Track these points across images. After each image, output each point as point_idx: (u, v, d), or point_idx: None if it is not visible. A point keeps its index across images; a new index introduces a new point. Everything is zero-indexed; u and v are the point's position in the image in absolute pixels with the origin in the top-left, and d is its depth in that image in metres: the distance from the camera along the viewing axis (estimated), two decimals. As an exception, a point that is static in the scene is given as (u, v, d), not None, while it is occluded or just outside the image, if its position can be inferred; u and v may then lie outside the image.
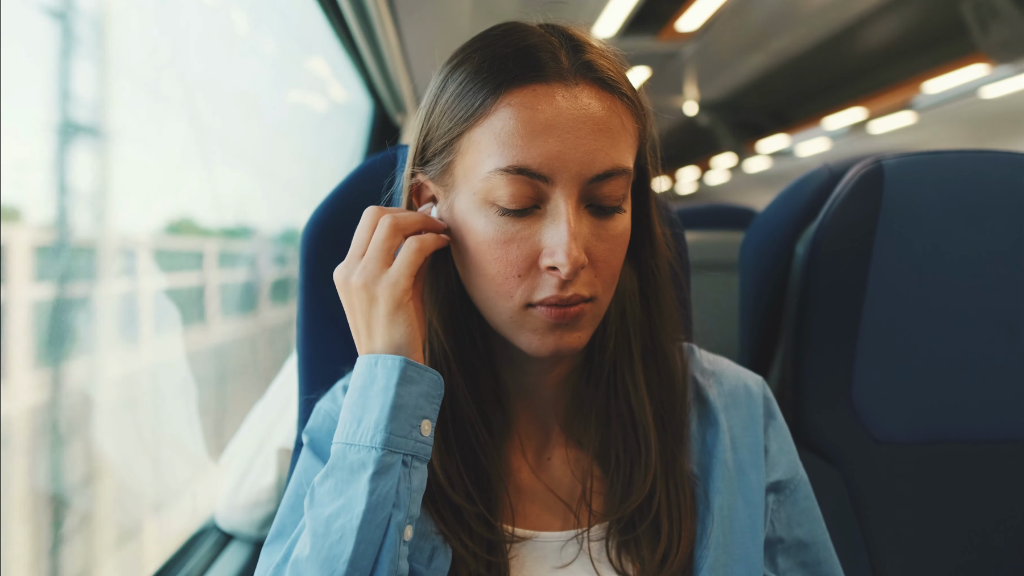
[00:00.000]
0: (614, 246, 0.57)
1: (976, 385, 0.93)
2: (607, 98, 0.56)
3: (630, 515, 0.61)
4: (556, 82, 0.54)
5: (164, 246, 1.34)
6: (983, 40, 3.34)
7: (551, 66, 0.55)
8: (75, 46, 0.98)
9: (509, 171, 0.54)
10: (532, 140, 0.53)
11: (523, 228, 0.55)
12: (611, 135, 0.55)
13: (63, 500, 0.96)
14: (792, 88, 5.79)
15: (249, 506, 1.25)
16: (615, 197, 0.56)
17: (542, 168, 0.53)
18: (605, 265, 0.57)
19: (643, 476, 0.61)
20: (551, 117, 0.53)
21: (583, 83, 0.55)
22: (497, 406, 0.65)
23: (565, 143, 0.53)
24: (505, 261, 0.56)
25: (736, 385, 0.69)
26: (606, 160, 0.54)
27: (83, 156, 0.99)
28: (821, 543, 0.68)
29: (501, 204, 0.55)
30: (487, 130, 0.55)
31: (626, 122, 0.57)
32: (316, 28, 2.03)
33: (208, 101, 1.45)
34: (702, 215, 2.20)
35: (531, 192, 0.54)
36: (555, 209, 0.54)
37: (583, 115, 0.54)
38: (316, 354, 0.85)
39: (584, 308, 0.57)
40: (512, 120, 0.54)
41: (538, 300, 0.56)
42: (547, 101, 0.54)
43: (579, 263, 0.53)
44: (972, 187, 0.92)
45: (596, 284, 0.57)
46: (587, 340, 0.59)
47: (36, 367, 0.90)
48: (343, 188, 0.86)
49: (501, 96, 0.54)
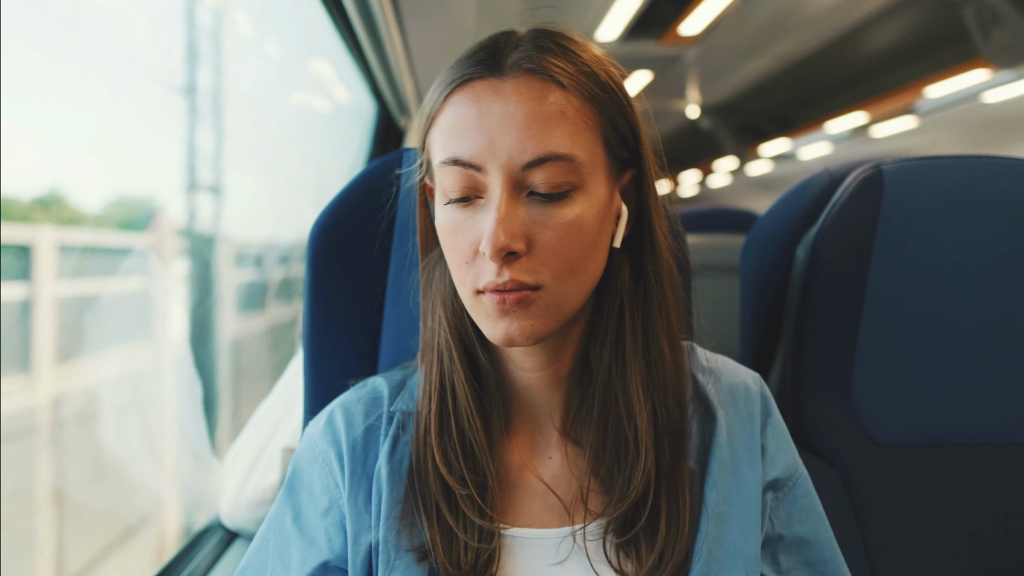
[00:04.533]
0: (562, 234, 0.57)
1: (974, 388, 0.94)
2: (545, 87, 0.57)
3: (627, 514, 0.61)
4: (492, 77, 0.58)
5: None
6: (985, 45, 3.35)
7: (491, 62, 0.58)
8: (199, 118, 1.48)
9: (447, 163, 0.58)
10: (465, 132, 0.57)
11: (468, 217, 0.58)
12: (545, 123, 0.56)
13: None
14: (794, 92, 5.79)
15: (253, 504, 1.26)
16: (555, 183, 0.56)
17: (474, 158, 0.56)
18: (552, 253, 0.57)
19: (639, 475, 0.61)
20: (484, 109, 0.57)
21: (520, 75, 0.57)
22: (498, 402, 0.66)
23: (495, 133, 0.56)
24: (456, 250, 0.59)
25: (735, 383, 0.69)
26: (538, 147, 0.56)
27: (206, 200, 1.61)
28: (825, 541, 0.68)
29: (448, 195, 0.59)
30: (437, 128, 0.60)
31: (569, 112, 0.57)
32: (321, 30, 2.05)
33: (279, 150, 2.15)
34: (704, 218, 2.21)
35: (469, 182, 0.57)
36: (491, 197, 0.57)
37: (514, 105, 0.56)
38: (321, 353, 0.86)
39: (528, 295, 0.57)
40: (451, 116, 0.58)
41: (482, 286, 0.58)
42: (481, 95, 0.57)
43: (502, 246, 0.55)
44: (971, 192, 0.93)
45: (541, 272, 0.57)
46: (544, 329, 0.59)
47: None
48: (349, 191, 0.87)
49: (448, 95, 0.59)
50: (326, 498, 0.66)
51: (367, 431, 0.68)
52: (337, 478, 0.66)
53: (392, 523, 0.63)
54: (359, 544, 0.63)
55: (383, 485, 0.64)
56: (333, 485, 0.66)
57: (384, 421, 0.68)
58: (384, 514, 0.63)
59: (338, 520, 0.65)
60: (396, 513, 0.63)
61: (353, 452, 0.67)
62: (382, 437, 0.67)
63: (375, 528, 0.63)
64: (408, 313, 0.80)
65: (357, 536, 0.64)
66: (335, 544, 0.65)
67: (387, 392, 0.71)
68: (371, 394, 0.71)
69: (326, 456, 0.68)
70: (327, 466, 0.67)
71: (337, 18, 1.95)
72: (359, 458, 0.67)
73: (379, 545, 0.62)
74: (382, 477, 0.65)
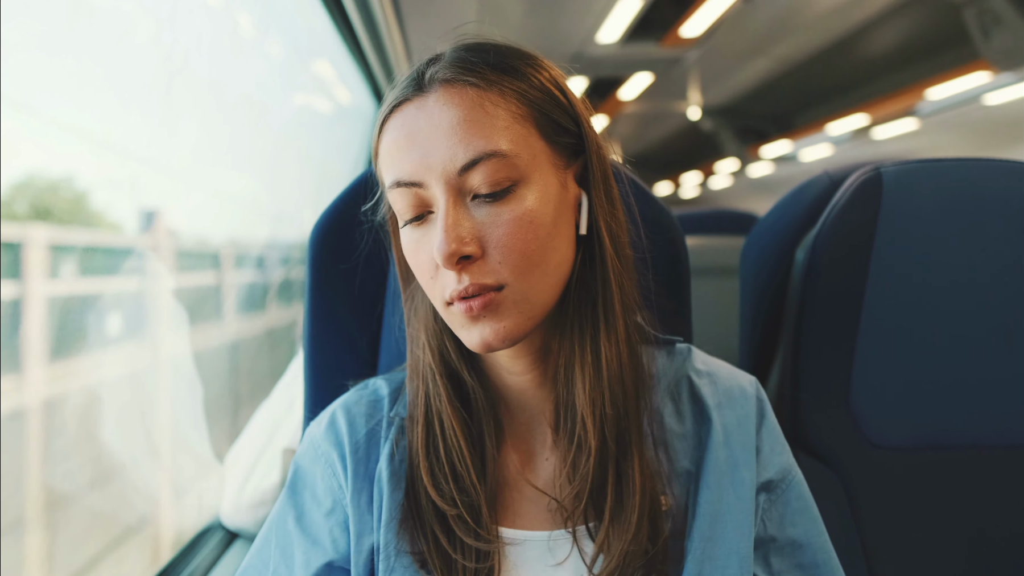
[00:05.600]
0: (515, 229, 0.57)
1: (973, 391, 0.94)
2: (461, 92, 0.58)
3: (598, 508, 0.62)
4: (415, 97, 0.59)
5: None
6: (985, 47, 3.35)
7: (413, 85, 0.60)
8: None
9: (392, 187, 0.59)
10: (401, 154, 0.58)
11: (424, 234, 0.59)
12: (469, 126, 0.57)
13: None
14: (795, 94, 5.80)
15: (254, 505, 1.26)
16: (494, 181, 0.57)
17: (413, 176, 0.58)
18: (508, 250, 0.57)
19: (585, 462, 0.61)
20: (411, 129, 0.58)
21: (438, 87, 0.58)
22: (488, 415, 0.67)
23: (426, 147, 0.57)
24: (420, 268, 0.60)
25: (730, 384, 0.69)
26: (468, 150, 0.56)
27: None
28: (819, 545, 0.68)
29: (402, 217, 0.60)
30: (380, 159, 0.62)
31: (489, 109, 0.57)
32: (322, 31, 2.05)
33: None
34: (703, 220, 2.21)
35: (416, 200, 0.59)
36: (438, 209, 0.58)
37: (437, 116, 0.57)
38: (322, 354, 0.87)
39: (493, 297, 0.57)
40: (387, 142, 0.60)
41: (449, 297, 0.58)
42: (408, 116, 0.59)
43: (451, 252, 0.55)
44: (970, 195, 0.93)
45: (500, 271, 0.57)
46: (518, 329, 0.59)
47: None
48: (349, 192, 0.87)
49: (382, 125, 0.61)
50: (329, 499, 0.67)
51: (369, 433, 0.68)
52: (340, 479, 0.67)
53: (392, 528, 0.63)
54: (362, 545, 0.64)
55: (384, 488, 0.65)
56: (336, 486, 0.67)
57: (384, 425, 0.69)
58: (385, 519, 0.64)
59: (342, 520, 0.66)
60: (396, 518, 0.64)
61: (356, 453, 0.67)
62: (383, 440, 0.68)
63: (377, 530, 0.64)
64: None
65: (360, 537, 0.64)
66: (339, 544, 0.65)
67: (387, 395, 0.71)
68: (372, 396, 0.71)
69: (329, 457, 0.68)
70: (330, 467, 0.68)
71: (337, 18, 1.95)
72: (361, 459, 0.67)
73: (380, 549, 0.63)
74: (383, 480, 0.65)
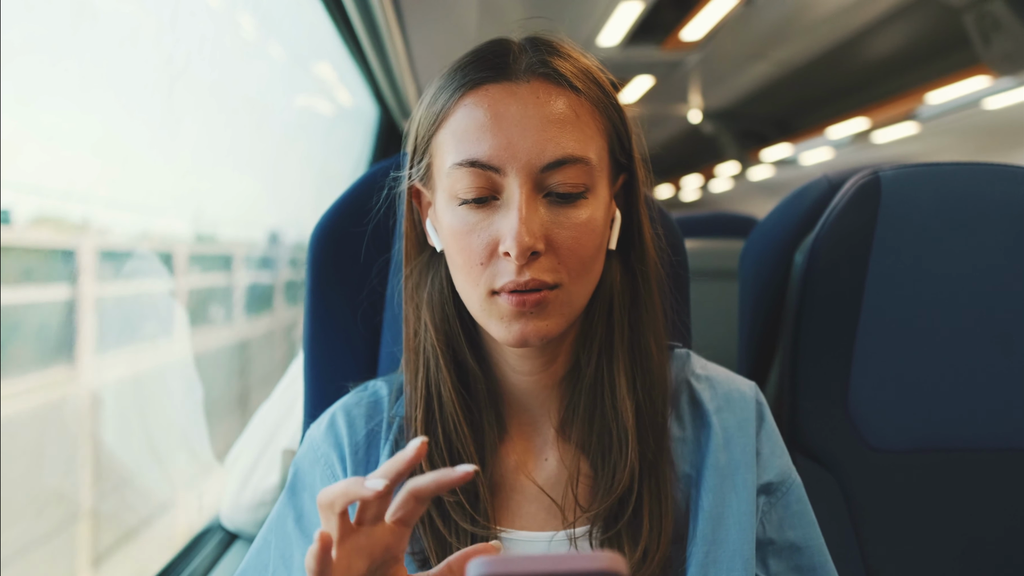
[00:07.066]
0: (578, 234, 0.58)
1: (971, 394, 0.94)
2: (560, 92, 0.59)
3: (612, 510, 0.62)
4: (507, 80, 0.59)
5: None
6: (986, 52, 3.35)
7: (503, 67, 0.59)
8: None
9: (463, 165, 0.58)
10: (483, 135, 0.58)
11: (483, 218, 0.59)
12: (562, 126, 0.57)
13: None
14: (796, 97, 5.79)
15: (254, 506, 1.26)
16: (572, 184, 0.58)
17: (492, 160, 0.57)
18: (569, 252, 0.58)
19: (623, 470, 0.62)
20: (501, 112, 0.58)
21: (535, 79, 0.59)
22: (490, 406, 0.67)
23: (513, 135, 0.57)
24: (469, 251, 0.59)
25: (730, 389, 0.70)
26: (556, 149, 0.57)
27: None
28: (815, 548, 0.68)
29: (461, 196, 0.59)
30: (448, 130, 0.60)
31: (582, 115, 0.59)
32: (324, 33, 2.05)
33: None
34: (703, 223, 2.22)
35: (486, 183, 0.58)
36: (509, 198, 0.57)
37: (532, 108, 0.57)
38: (322, 356, 0.87)
39: (547, 295, 0.58)
40: (466, 119, 0.59)
41: (499, 287, 0.58)
42: (498, 98, 0.58)
43: (528, 246, 0.56)
44: (968, 199, 0.94)
45: (560, 271, 0.58)
46: (557, 329, 0.60)
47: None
48: (350, 194, 0.88)
49: (459, 98, 0.59)
50: None
51: (369, 434, 0.68)
52: (340, 480, 0.67)
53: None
54: None
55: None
56: None
57: (384, 426, 0.69)
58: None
59: None
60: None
61: (355, 455, 0.67)
62: (383, 441, 0.68)
63: None
64: (408, 316, 0.81)
65: None
66: None
67: (387, 396, 0.71)
68: (372, 397, 0.71)
69: (328, 458, 0.68)
70: (329, 468, 0.68)
71: (339, 21, 1.95)
72: (361, 461, 0.67)
73: None
74: None
